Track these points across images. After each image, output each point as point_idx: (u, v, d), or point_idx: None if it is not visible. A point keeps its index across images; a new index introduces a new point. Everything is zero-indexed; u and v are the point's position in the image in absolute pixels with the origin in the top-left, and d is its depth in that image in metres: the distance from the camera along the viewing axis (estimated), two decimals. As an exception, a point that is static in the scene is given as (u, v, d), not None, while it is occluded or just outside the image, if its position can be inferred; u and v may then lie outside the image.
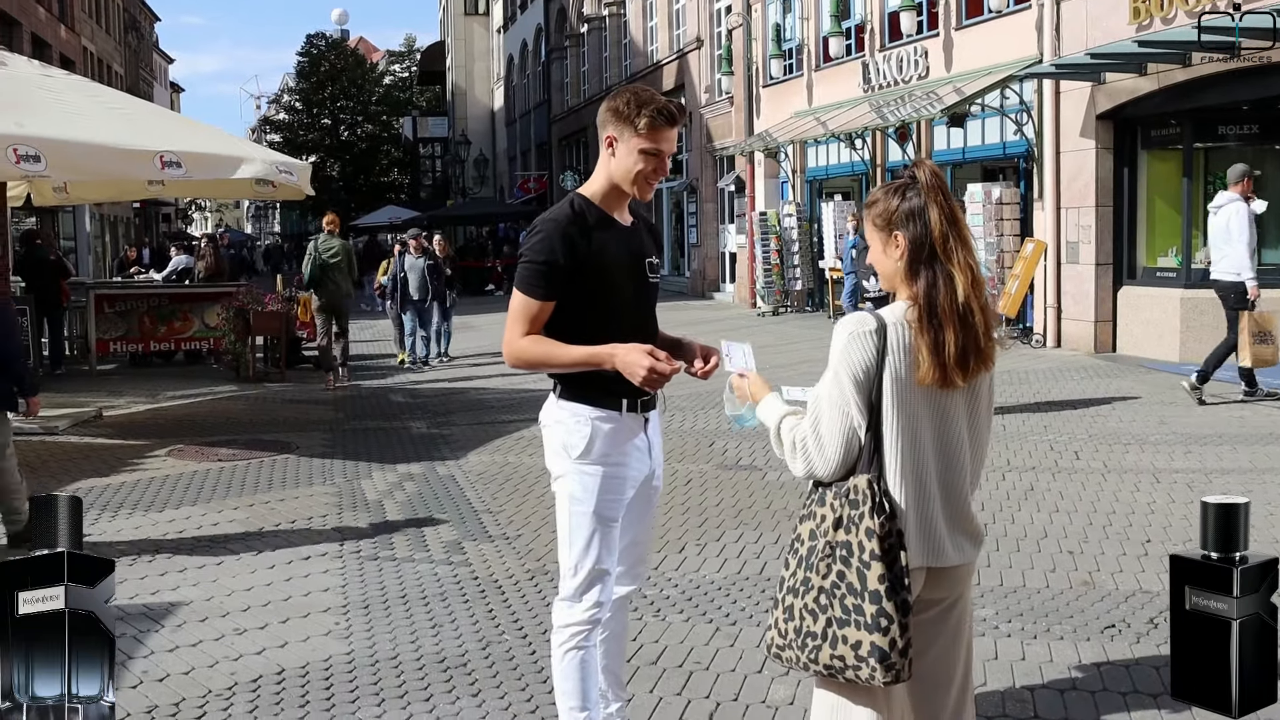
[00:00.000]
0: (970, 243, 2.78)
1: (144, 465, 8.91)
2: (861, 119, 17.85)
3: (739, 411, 3.16)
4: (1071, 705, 4.21)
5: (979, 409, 2.89)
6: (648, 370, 3.20)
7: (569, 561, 3.50)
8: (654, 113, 3.33)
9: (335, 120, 61.12)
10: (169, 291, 16.29)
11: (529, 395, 12.21)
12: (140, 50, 56.71)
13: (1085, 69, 13.38)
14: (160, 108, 16.64)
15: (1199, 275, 13.09)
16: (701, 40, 26.29)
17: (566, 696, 3.50)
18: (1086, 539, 6.30)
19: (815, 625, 2.77)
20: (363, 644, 4.97)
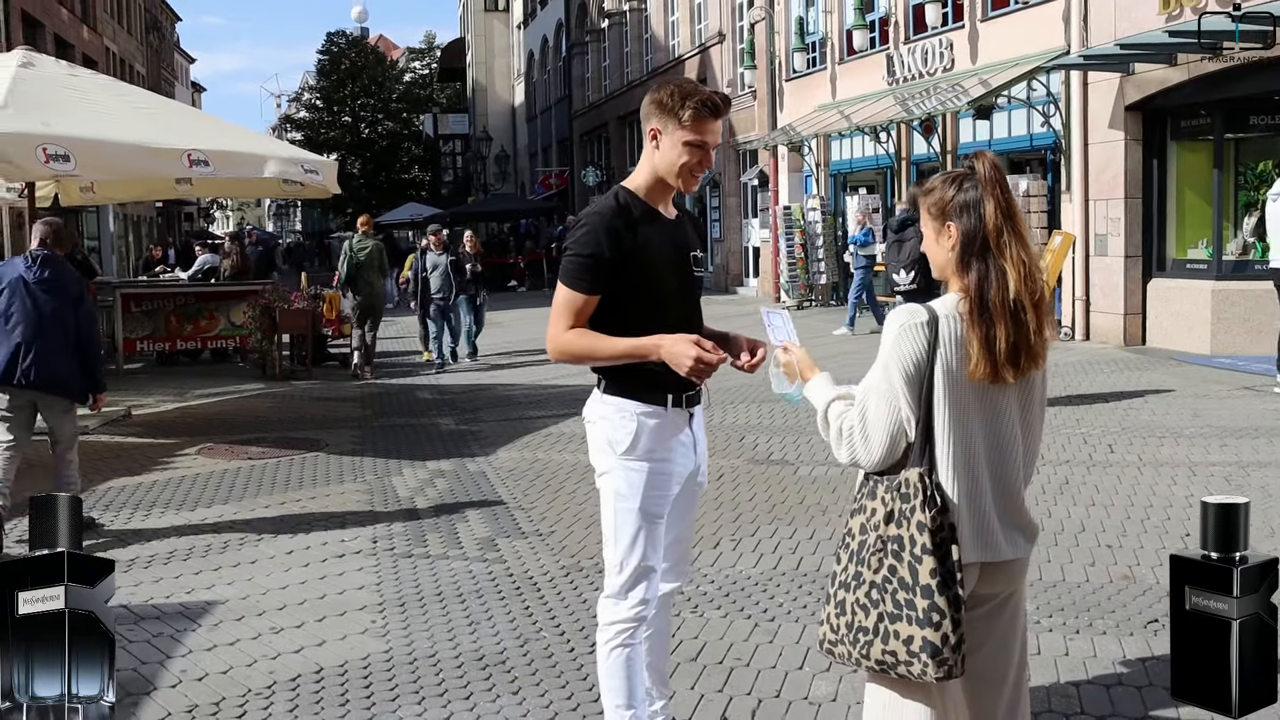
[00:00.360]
0: (1027, 238, 2.74)
1: (175, 464, 8.94)
2: (886, 112, 17.75)
3: (786, 390, 3.12)
4: (1118, 700, 4.16)
5: (1032, 403, 2.85)
6: (694, 361, 3.16)
7: (614, 558, 3.47)
8: (699, 104, 3.30)
9: (356, 118, 61.27)
10: (195, 290, 16.33)
11: (557, 391, 12.22)
12: (162, 50, 56.97)
13: (1115, 60, 13.26)
14: (186, 106, 16.74)
15: (1230, 267, 13.00)
16: (724, 34, 26.22)
17: (613, 694, 3.47)
18: (1125, 533, 6.24)
19: (867, 620, 2.74)
20: (400, 642, 4.96)
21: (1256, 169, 13.19)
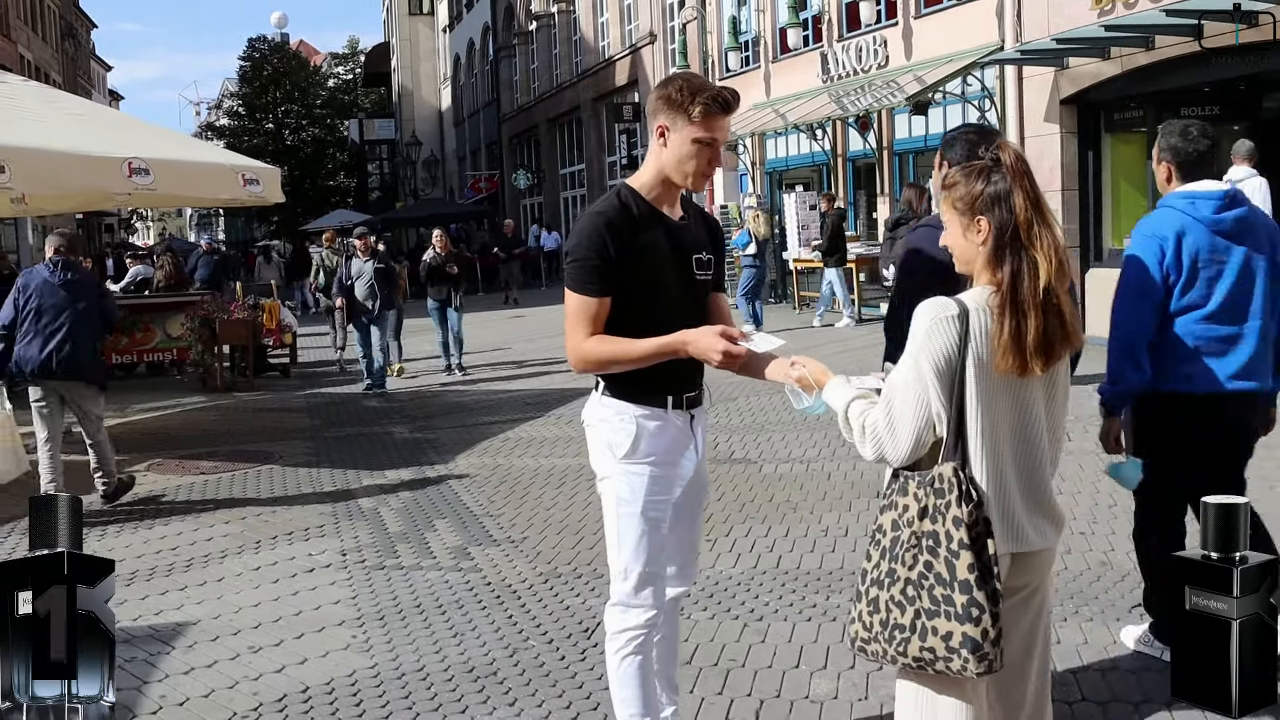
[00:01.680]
0: (1055, 227, 2.73)
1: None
2: (821, 110, 17.87)
3: (805, 405, 3.07)
4: (1115, 686, 4.20)
5: (1056, 393, 2.85)
6: (723, 353, 3.08)
7: (619, 565, 3.39)
8: (709, 100, 3.20)
9: (279, 125, 60.31)
10: (129, 302, 15.91)
11: (509, 396, 12.11)
12: (78, 58, 55.72)
13: (1050, 54, 13.47)
14: (122, 114, 16.30)
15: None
16: (655, 35, 26.20)
17: (626, 704, 3.40)
18: (1095, 519, 6.31)
19: (903, 618, 2.71)
20: (385, 657, 4.86)
21: (1188, 159, 13.46)
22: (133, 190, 9.17)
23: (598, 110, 30.74)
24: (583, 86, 31.55)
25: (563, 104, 33.55)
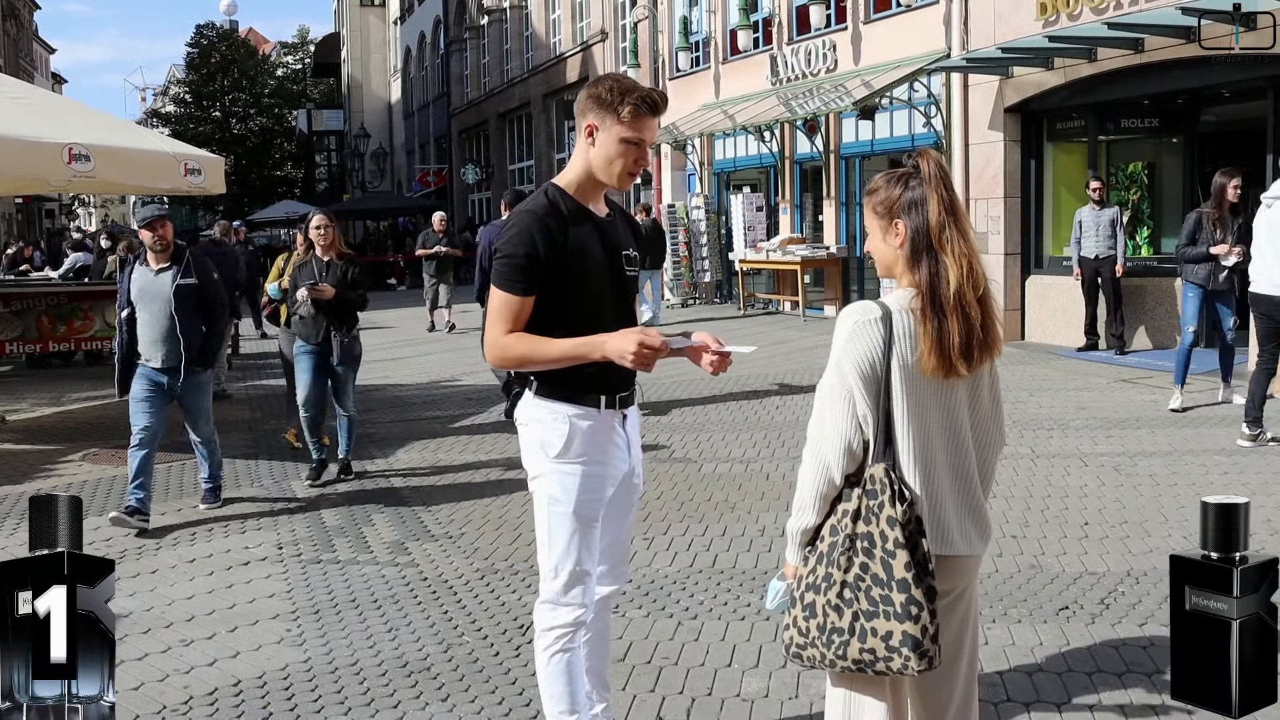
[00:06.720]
0: (970, 234, 2.79)
1: (58, 471, 8.59)
2: (770, 112, 17.97)
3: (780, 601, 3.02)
4: (1041, 686, 4.27)
5: (980, 396, 2.88)
6: (638, 348, 3.06)
7: (549, 563, 3.41)
8: (638, 100, 3.24)
9: (226, 113, 59.57)
10: (68, 290, 15.67)
11: (450, 391, 12.06)
12: (20, 39, 54.68)
13: (995, 63, 13.65)
14: (66, 99, 16.03)
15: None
16: (606, 33, 26.21)
17: (554, 700, 3.43)
18: (1027, 523, 6.42)
19: (841, 621, 2.74)
20: (319, 651, 4.84)
21: (1127, 169, 13.73)
22: (72, 177, 9.06)
23: (548, 106, 30.71)
24: (533, 82, 31.48)
25: (513, 99, 33.45)
